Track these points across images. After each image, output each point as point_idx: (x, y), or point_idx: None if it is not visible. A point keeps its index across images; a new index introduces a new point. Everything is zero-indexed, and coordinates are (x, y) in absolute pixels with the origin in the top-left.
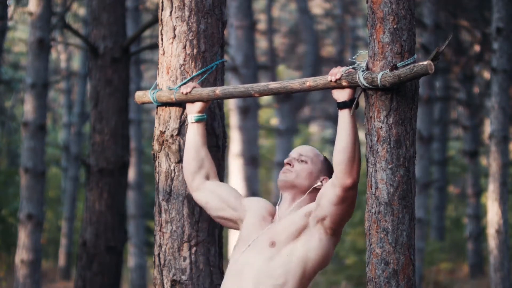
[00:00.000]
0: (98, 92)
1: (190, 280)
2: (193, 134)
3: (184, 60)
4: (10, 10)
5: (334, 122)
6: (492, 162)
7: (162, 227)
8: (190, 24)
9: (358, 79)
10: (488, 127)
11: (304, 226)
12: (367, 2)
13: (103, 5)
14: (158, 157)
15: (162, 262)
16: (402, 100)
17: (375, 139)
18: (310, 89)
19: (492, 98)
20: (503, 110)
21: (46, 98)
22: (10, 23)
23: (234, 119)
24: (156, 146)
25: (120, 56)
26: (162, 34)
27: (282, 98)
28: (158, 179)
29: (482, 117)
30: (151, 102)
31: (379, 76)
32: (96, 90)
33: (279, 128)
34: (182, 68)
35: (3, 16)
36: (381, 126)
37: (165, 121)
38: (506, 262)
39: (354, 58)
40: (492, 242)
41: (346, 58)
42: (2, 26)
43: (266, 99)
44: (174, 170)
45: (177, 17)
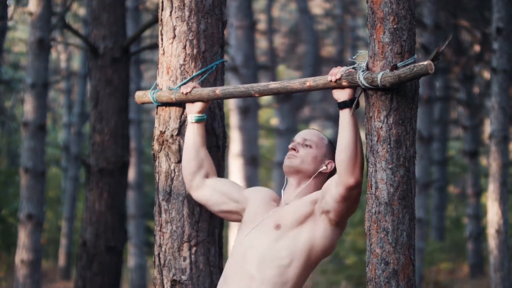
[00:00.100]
0: (98, 92)
1: (190, 280)
2: (193, 134)
3: (184, 60)
4: (10, 10)
5: (334, 122)
6: (492, 162)
7: (162, 227)
8: (190, 24)
9: (358, 79)
10: (488, 127)
11: (309, 213)
12: (367, 2)
13: (103, 5)
14: (158, 157)
15: (162, 262)
16: (402, 100)
17: (375, 139)
18: (310, 89)
19: (492, 98)
20: (503, 110)
21: (46, 98)
22: (10, 23)
23: (234, 119)
24: (156, 146)
25: (120, 56)
26: (162, 34)
27: (282, 98)
28: (158, 179)
29: (482, 117)
30: (151, 102)
31: (379, 76)
32: (96, 90)
33: (279, 128)
34: (182, 68)
35: (3, 16)
36: (381, 126)
37: (165, 121)
38: (506, 262)
39: (354, 58)
40: (492, 242)
41: (346, 58)
42: (2, 26)
43: (266, 99)
44: (174, 170)
45: (177, 17)
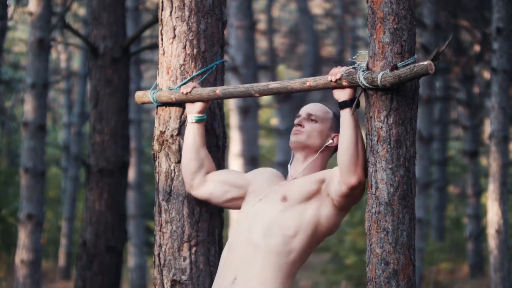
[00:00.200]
0: (98, 92)
1: (190, 280)
2: (193, 134)
3: (184, 60)
4: (10, 10)
5: None
6: (492, 162)
7: (162, 227)
8: (190, 24)
9: (359, 79)
10: (488, 127)
11: (316, 190)
12: (367, 2)
13: (103, 5)
14: (158, 157)
15: (162, 262)
16: (402, 100)
17: (375, 139)
18: (310, 89)
19: (492, 98)
20: (503, 110)
21: (46, 98)
22: (10, 23)
23: (234, 119)
24: (156, 146)
25: (120, 56)
26: (162, 34)
27: (282, 98)
28: (158, 179)
29: (482, 117)
30: (151, 102)
31: (379, 76)
32: (96, 90)
33: (279, 128)
34: (182, 68)
35: (3, 16)
36: (381, 126)
37: (165, 121)
38: (506, 262)
39: (354, 58)
40: (492, 242)
41: (346, 58)
42: (2, 26)
43: (266, 99)
44: (174, 170)
45: (177, 17)
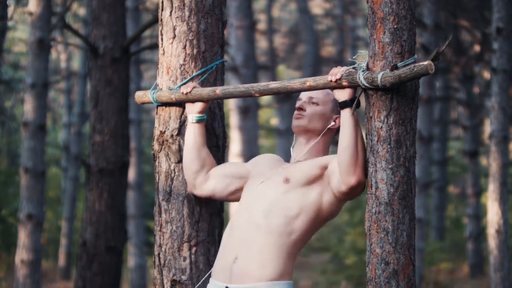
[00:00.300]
0: (98, 92)
1: (190, 280)
2: (193, 134)
3: (184, 60)
4: (10, 10)
5: None
6: (492, 162)
7: (162, 227)
8: (190, 24)
9: (359, 79)
10: (488, 127)
11: (318, 175)
12: (367, 2)
13: (103, 5)
14: (158, 157)
15: (162, 262)
16: (402, 100)
17: (375, 139)
18: (310, 89)
19: (492, 98)
20: (503, 110)
21: (46, 98)
22: (10, 23)
23: (234, 119)
24: (156, 146)
25: (120, 56)
26: (162, 34)
27: (282, 98)
28: (158, 179)
29: (482, 117)
30: (151, 102)
31: (380, 76)
32: (96, 90)
33: (279, 128)
34: (182, 68)
35: (3, 16)
36: (381, 126)
37: (165, 121)
38: (506, 262)
39: (354, 58)
40: (492, 242)
41: (346, 58)
42: (2, 26)
43: (266, 99)
44: (174, 170)
45: (177, 17)
